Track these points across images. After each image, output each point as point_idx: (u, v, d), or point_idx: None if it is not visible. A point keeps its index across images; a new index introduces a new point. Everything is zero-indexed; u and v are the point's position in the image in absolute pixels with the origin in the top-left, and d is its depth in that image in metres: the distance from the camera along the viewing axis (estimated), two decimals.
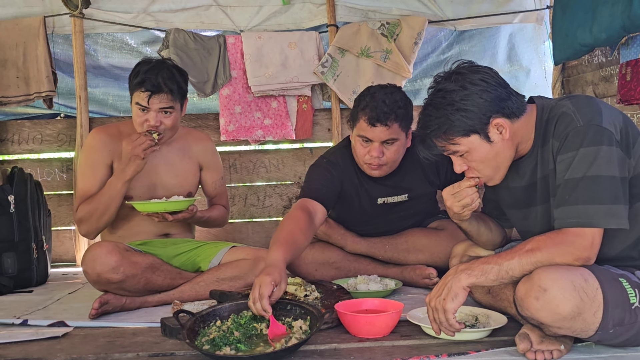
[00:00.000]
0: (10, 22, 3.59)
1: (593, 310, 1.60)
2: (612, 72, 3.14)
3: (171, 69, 2.59)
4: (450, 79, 1.81)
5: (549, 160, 1.81)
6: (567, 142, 1.71)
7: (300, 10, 3.80)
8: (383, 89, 2.52)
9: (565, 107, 1.77)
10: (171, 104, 2.57)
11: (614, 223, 1.65)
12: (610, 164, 1.66)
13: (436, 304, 1.76)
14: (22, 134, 3.78)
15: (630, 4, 2.58)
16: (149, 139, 2.50)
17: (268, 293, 1.92)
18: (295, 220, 2.29)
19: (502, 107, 1.78)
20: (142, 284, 2.44)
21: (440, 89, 1.81)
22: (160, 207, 2.52)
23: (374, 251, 2.80)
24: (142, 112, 2.56)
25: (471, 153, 1.82)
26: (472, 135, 1.78)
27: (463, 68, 1.83)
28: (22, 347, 1.99)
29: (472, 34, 3.94)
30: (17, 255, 3.00)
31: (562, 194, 1.71)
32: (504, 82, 1.82)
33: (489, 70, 1.83)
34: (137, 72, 2.56)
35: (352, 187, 2.71)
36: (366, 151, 2.52)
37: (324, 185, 2.55)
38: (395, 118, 2.45)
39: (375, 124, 2.44)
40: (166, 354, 1.89)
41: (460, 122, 1.77)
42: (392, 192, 2.74)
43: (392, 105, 2.44)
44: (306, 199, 2.45)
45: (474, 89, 1.76)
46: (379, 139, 2.48)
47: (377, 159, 2.51)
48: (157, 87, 2.51)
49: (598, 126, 1.69)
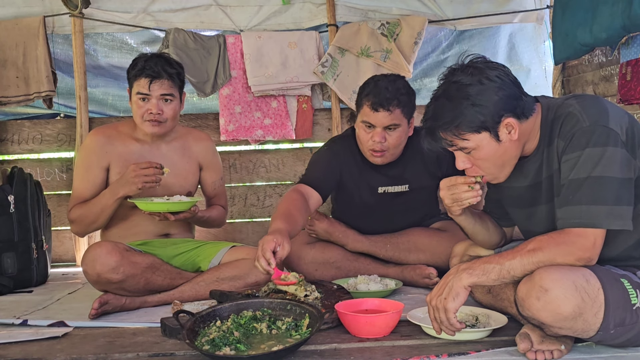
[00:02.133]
0: (10, 22, 3.59)
1: (594, 311, 1.59)
2: (612, 71, 3.14)
3: (169, 59, 2.66)
4: (466, 72, 1.76)
5: (554, 160, 1.80)
6: (573, 142, 1.70)
7: (300, 10, 3.80)
8: (386, 77, 2.62)
9: (571, 107, 1.76)
10: (171, 91, 2.61)
11: (617, 224, 1.65)
12: (616, 165, 1.65)
13: (437, 303, 1.76)
14: (22, 134, 3.77)
15: (630, 4, 2.57)
16: (157, 173, 2.49)
17: (271, 248, 2.03)
18: (291, 200, 2.44)
19: (514, 107, 1.76)
20: (142, 284, 2.44)
21: (455, 81, 1.77)
22: (163, 207, 2.52)
23: (375, 250, 2.80)
24: (142, 102, 2.59)
25: (478, 150, 1.79)
26: (483, 132, 1.75)
27: (480, 63, 1.79)
28: (22, 347, 1.99)
29: (472, 34, 3.94)
30: (17, 255, 3.00)
31: (566, 194, 1.71)
32: (517, 82, 1.81)
33: (504, 67, 1.80)
34: (135, 63, 2.63)
35: (353, 175, 2.76)
36: (369, 137, 2.59)
37: (321, 173, 2.67)
38: (398, 104, 2.53)
39: (378, 109, 2.52)
40: (166, 354, 1.89)
41: (474, 117, 1.73)
42: (392, 181, 2.78)
43: (394, 92, 2.53)
44: (302, 184, 2.59)
45: (490, 85, 1.73)
46: (382, 124, 2.55)
47: (379, 144, 2.58)
48: (157, 73, 2.57)
49: (604, 127, 1.68)
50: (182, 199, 2.60)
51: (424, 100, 4.01)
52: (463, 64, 1.80)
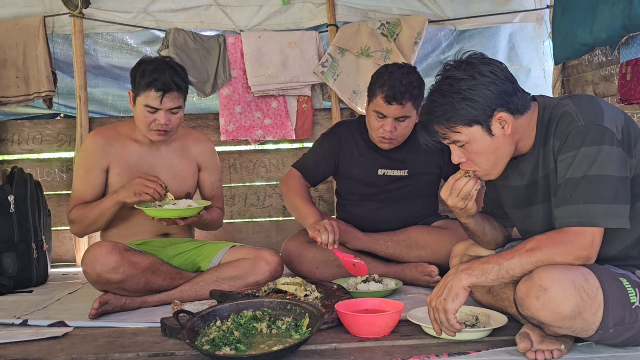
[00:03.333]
0: (10, 22, 3.59)
1: (593, 310, 1.60)
2: (612, 71, 3.14)
3: (175, 67, 2.60)
4: (459, 67, 1.80)
5: (550, 159, 1.81)
6: (568, 142, 1.71)
7: (300, 10, 3.80)
8: (400, 68, 2.71)
9: (566, 107, 1.77)
10: (179, 103, 2.60)
11: (615, 222, 1.65)
12: (612, 164, 1.66)
13: (437, 304, 1.76)
14: (22, 134, 3.77)
15: (630, 4, 2.57)
16: (159, 191, 2.48)
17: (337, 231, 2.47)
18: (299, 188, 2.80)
19: (507, 102, 1.77)
20: (142, 284, 2.44)
21: (448, 77, 1.80)
22: (174, 214, 2.51)
23: (376, 247, 2.81)
24: (150, 113, 2.56)
25: (471, 144, 1.81)
26: (475, 125, 1.78)
27: (474, 58, 1.82)
28: (22, 347, 1.99)
29: (472, 34, 3.94)
30: (17, 255, 3.00)
31: (563, 194, 1.71)
32: (512, 78, 1.82)
33: (499, 63, 1.82)
34: (142, 72, 2.54)
35: (353, 156, 2.90)
36: (380, 125, 2.72)
37: (315, 161, 2.91)
38: (410, 97, 2.64)
39: (391, 102, 2.64)
40: (166, 354, 1.89)
41: (465, 111, 1.76)
42: (392, 165, 2.88)
43: (408, 86, 2.63)
44: (295, 169, 2.90)
45: (482, 79, 1.76)
46: (393, 115, 2.68)
47: (389, 133, 2.71)
48: (168, 86, 2.51)
49: (599, 126, 1.68)
50: (192, 204, 2.58)
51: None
52: (459, 60, 1.83)
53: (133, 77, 2.59)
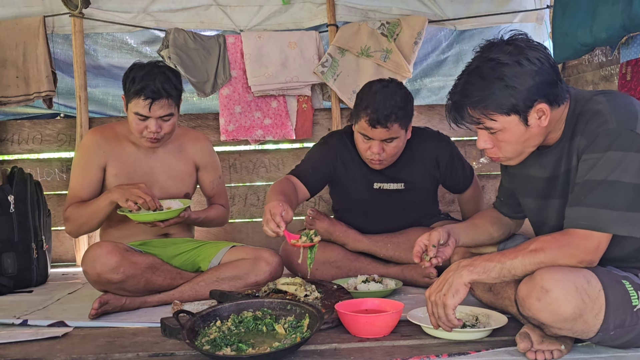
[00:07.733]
0: (10, 22, 3.59)
1: (594, 312, 1.59)
2: (612, 71, 3.14)
3: (166, 73, 2.55)
4: (505, 50, 1.67)
5: (573, 155, 1.75)
6: (596, 143, 1.65)
7: (300, 10, 3.80)
8: (385, 88, 2.56)
9: (600, 105, 1.69)
10: (170, 110, 2.56)
11: (625, 230, 1.62)
12: (633, 171, 1.61)
13: (436, 298, 1.75)
14: (22, 134, 3.77)
15: (630, 4, 2.57)
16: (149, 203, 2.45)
17: (279, 211, 2.11)
18: (284, 184, 2.58)
19: (548, 93, 1.67)
20: (142, 284, 2.44)
21: (492, 59, 1.67)
22: (150, 217, 2.51)
23: (376, 249, 2.81)
24: (140, 120, 2.55)
25: (504, 132, 1.71)
26: (512, 115, 1.67)
27: (521, 41, 1.69)
28: (22, 347, 1.99)
29: (473, 34, 3.94)
30: (17, 255, 3.00)
31: (578, 194, 1.67)
32: (555, 66, 1.70)
33: (545, 49, 1.69)
34: (132, 78, 2.51)
35: (348, 169, 2.80)
36: (367, 147, 2.62)
37: (312, 168, 2.75)
38: (395, 119, 2.51)
39: (375, 125, 2.52)
40: (166, 354, 1.89)
41: (505, 99, 1.65)
42: (387, 179, 2.80)
43: (392, 108, 2.50)
44: (292, 176, 2.70)
45: (529, 67, 1.64)
46: (379, 138, 2.57)
47: (377, 155, 2.61)
48: (157, 94, 2.48)
49: (631, 131, 1.63)
50: (172, 205, 2.58)
51: (423, 100, 4.04)
52: (501, 40, 1.71)
53: (124, 83, 2.57)
